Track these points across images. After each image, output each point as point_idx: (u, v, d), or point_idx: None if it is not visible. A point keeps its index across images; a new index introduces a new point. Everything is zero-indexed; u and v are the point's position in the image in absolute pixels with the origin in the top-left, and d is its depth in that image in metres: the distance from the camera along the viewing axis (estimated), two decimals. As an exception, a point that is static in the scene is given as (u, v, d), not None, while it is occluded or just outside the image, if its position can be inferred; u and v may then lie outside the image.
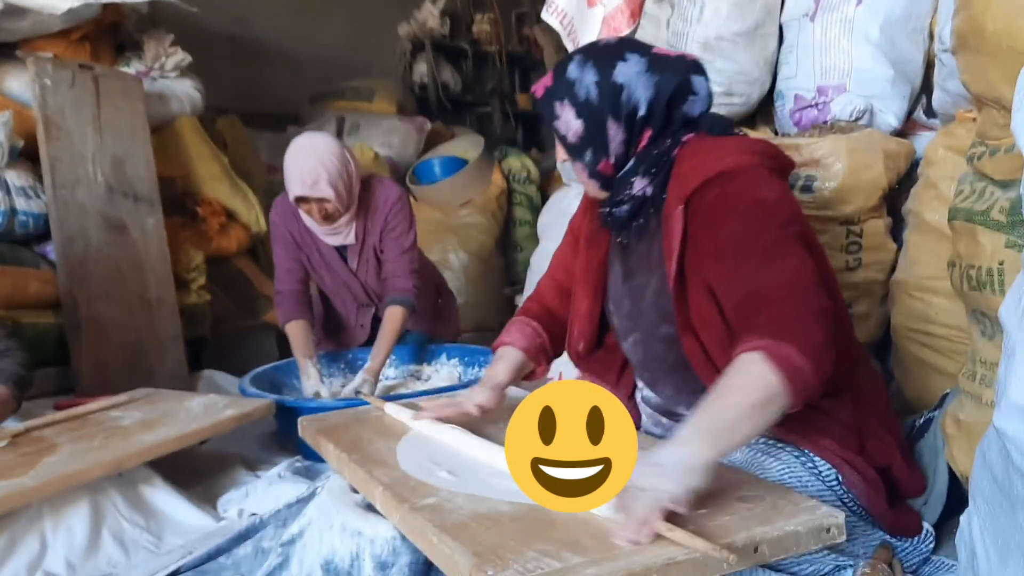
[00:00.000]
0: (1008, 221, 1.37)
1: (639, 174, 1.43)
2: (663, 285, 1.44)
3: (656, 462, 1.12)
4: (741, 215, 1.32)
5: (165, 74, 3.22)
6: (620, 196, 1.46)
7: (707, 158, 1.38)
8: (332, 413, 1.87)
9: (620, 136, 1.41)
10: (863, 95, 2.06)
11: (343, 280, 2.64)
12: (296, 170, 2.35)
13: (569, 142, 1.42)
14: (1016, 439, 0.93)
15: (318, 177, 2.33)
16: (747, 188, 1.34)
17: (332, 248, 2.60)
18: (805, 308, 1.24)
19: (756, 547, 1.06)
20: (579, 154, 1.43)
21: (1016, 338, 0.97)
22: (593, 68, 1.40)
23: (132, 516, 1.74)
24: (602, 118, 1.39)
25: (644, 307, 1.50)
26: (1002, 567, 0.98)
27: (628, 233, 1.52)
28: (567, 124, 1.41)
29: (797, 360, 1.17)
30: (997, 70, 1.35)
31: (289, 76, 4.94)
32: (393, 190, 2.57)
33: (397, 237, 2.54)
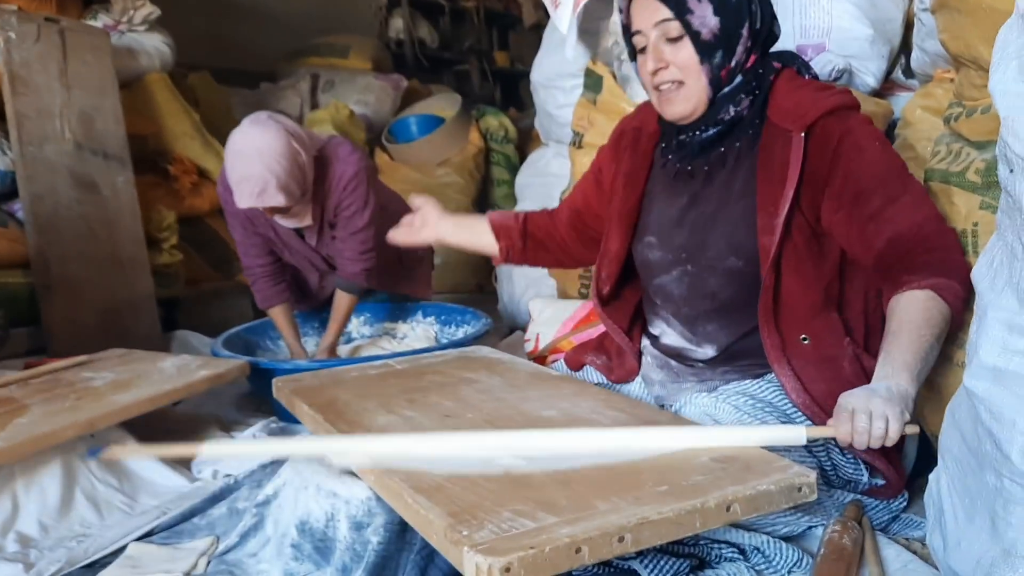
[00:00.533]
0: (983, 182, 1.38)
1: (745, 91, 1.43)
2: (744, 215, 1.43)
3: (871, 389, 1.20)
4: (871, 155, 1.38)
5: (134, 28, 3.15)
6: (720, 114, 1.44)
7: (812, 94, 1.41)
8: (307, 374, 1.86)
9: (746, 44, 1.41)
10: (842, 55, 2.05)
11: (304, 255, 2.54)
12: (241, 180, 2.12)
13: (703, 39, 1.38)
14: (985, 399, 0.94)
15: (266, 184, 2.10)
16: (867, 130, 1.40)
17: (288, 229, 2.46)
18: (953, 241, 1.36)
19: (729, 506, 1.06)
20: (709, 53, 1.39)
21: (987, 300, 0.97)
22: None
23: (105, 477, 1.72)
24: (739, 20, 1.39)
25: (711, 238, 1.47)
26: (968, 525, 1.00)
27: (704, 159, 1.49)
28: (703, 19, 1.37)
29: (963, 293, 1.29)
30: (975, 29, 1.34)
31: (263, 32, 4.84)
32: (349, 166, 2.35)
33: (350, 217, 2.38)
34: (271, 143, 2.11)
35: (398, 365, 1.89)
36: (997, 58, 0.98)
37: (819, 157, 1.37)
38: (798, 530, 1.35)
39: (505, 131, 4.55)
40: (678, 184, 1.53)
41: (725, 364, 1.52)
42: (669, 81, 1.42)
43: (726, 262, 1.45)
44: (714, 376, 1.53)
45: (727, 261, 1.45)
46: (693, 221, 1.50)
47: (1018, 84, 0.92)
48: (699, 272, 1.49)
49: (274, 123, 2.18)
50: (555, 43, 2.82)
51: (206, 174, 3.34)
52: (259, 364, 2.17)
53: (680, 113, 1.45)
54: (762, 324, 1.41)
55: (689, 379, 1.56)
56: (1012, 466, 0.89)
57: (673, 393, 1.57)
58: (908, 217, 1.34)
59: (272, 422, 2.09)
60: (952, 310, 1.29)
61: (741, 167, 1.45)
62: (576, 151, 2.46)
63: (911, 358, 1.23)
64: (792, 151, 1.37)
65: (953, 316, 1.29)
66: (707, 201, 1.48)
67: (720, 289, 1.48)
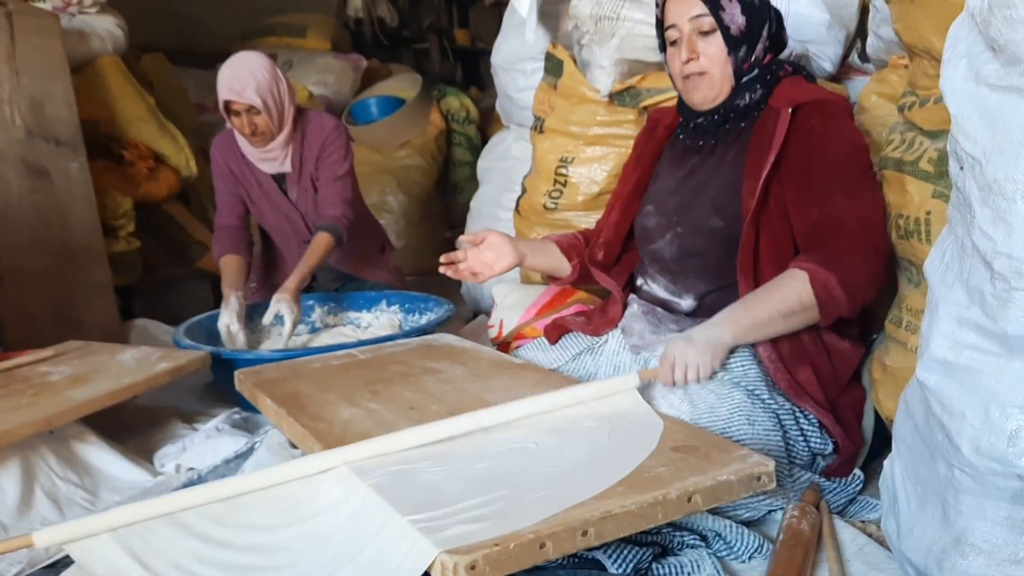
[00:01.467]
0: (935, 171, 1.40)
1: (760, 83, 1.61)
2: (730, 181, 1.58)
3: (690, 335, 1.42)
4: (834, 147, 1.50)
5: (84, 10, 3.07)
6: (738, 99, 1.61)
7: (811, 87, 1.61)
8: (269, 365, 1.86)
9: (764, 43, 1.60)
10: (799, 39, 2.07)
11: (283, 212, 2.63)
12: (225, 77, 2.38)
13: (731, 33, 1.56)
14: (937, 391, 0.96)
15: (245, 84, 2.35)
16: (844, 127, 1.55)
17: (270, 178, 2.58)
18: (864, 244, 1.44)
19: (690, 497, 1.09)
20: (736, 46, 1.57)
21: (939, 293, 0.99)
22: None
23: (65, 473, 1.70)
24: (762, 21, 1.59)
25: (699, 200, 1.63)
26: (921, 512, 1.02)
27: (710, 136, 1.66)
28: (732, 16, 1.56)
29: (836, 291, 1.40)
30: (928, 20, 1.36)
31: (217, 11, 4.75)
32: (329, 119, 2.59)
33: (332, 164, 2.54)
34: (260, 58, 2.44)
35: (361, 355, 1.89)
36: (948, 55, 1.00)
37: (797, 135, 1.53)
38: (759, 514, 1.38)
39: (467, 112, 4.52)
40: (682, 159, 1.71)
41: (705, 316, 1.57)
42: (696, 72, 1.60)
43: (709, 221, 1.59)
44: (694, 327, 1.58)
45: (710, 221, 1.59)
46: (686, 189, 1.66)
47: (968, 83, 0.94)
48: (687, 232, 1.64)
49: (262, 53, 2.51)
50: (515, 25, 2.80)
51: (162, 159, 3.27)
52: (221, 354, 2.15)
53: (703, 99, 1.63)
54: (740, 277, 1.53)
55: (670, 326, 1.63)
56: (962, 457, 0.91)
57: (649, 343, 1.63)
58: (839, 208, 1.46)
59: (235, 412, 2.08)
60: (817, 301, 1.41)
61: (737, 142, 1.62)
62: (537, 135, 2.46)
63: (743, 317, 1.43)
64: (779, 124, 1.53)
65: (818, 307, 1.41)
66: (702, 171, 1.66)
67: (705, 248, 1.61)
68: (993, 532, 0.91)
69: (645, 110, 2.22)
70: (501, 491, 1.08)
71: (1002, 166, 0.87)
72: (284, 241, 2.72)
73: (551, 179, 2.41)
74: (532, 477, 1.12)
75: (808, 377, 1.48)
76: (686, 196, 1.66)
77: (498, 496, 1.06)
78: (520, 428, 1.31)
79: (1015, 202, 0.85)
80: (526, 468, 1.16)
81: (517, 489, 1.08)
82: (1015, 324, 0.86)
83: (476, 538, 0.95)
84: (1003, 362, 0.89)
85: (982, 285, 0.90)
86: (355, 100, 4.46)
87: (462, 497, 1.06)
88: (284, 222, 2.66)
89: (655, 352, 1.59)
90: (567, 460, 1.18)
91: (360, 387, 1.62)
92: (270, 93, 2.40)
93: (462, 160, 4.52)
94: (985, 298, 0.90)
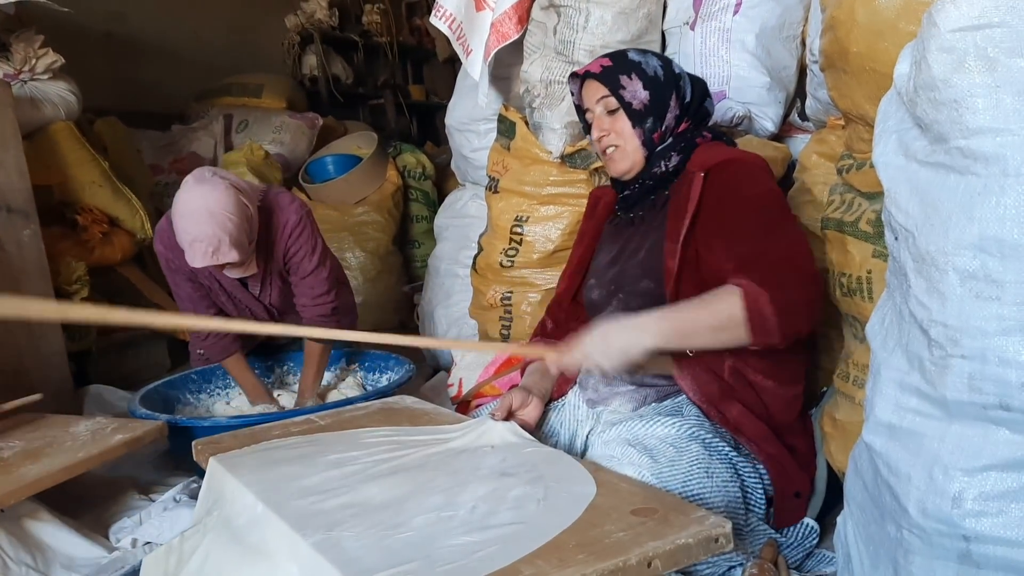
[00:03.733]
0: (875, 232, 1.46)
1: (675, 150, 1.66)
2: (657, 244, 1.63)
3: (605, 333, 1.41)
4: (749, 194, 1.54)
5: (36, 77, 3.06)
6: (654, 168, 1.66)
7: (727, 150, 1.65)
8: (227, 435, 1.83)
9: (675, 113, 1.66)
10: (742, 102, 2.14)
11: (246, 305, 2.52)
12: (194, 240, 2.09)
13: (634, 108, 1.63)
14: (883, 454, 0.99)
15: (219, 243, 2.08)
16: (759, 177, 1.59)
17: (233, 280, 2.41)
18: (794, 268, 1.43)
19: (650, 562, 1.10)
20: (641, 121, 1.64)
21: (880, 358, 1.03)
22: (654, 57, 1.69)
23: (17, 554, 1.66)
24: (667, 93, 1.65)
25: (631, 266, 1.67)
26: (873, 571, 1.05)
27: (638, 208, 1.72)
28: (634, 93, 1.63)
29: (766, 308, 1.36)
30: (861, 89, 1.42)
31: (171, 73, 4.75)
32: (292, 214, 2.36)
33: (299, 262, 2.38)
34: (220, 200, 2.10)
35: (320, 420, 1.88)
36: (879, 130, 1.05)
37: (711, 192, 1.56)
38: (719, 572, 1.40)
39: (423, 168, 4.56)
40: (619, 233, 1.77)
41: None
42: (610, 145, 1.68)
43: (641, 284, 1.63)
44: (645, 379, 1.61)
45: (642, 283, 1.63)
46: (622, 258, 1.71)
47: (898, 157, 0.99)
48: (625, 298, 1.67)
49: (219, 179, 2.16)
50: (468, 88, 2.85)
51: (117, 222, 3.26)
52: (178, 423, 2.13)
53: (621, 169, 1.70)
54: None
55: (624, 377, 1.65)
56: (910, 518, 0.94)
57: (605, 397, 1.66)
58: (765, 243, 1.47)
59: (193, 482, 2.05)
60: (746, 314, 1.37)
61: (662, 209, 1.65)
62: (492, 195, 2.50)
63: (670, 324, 1.40)
64: (693, 188, 1.57)
65: (747, 322, 1.37)
66: (635, 240, 1.71)
67: (641, 309, 1.56)
68: (942, 592, 0.94)
69: (596, 171, 2.27)
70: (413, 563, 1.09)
71: (933, 239, 0.91)
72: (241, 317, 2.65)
73: (507, 238, 2.44)
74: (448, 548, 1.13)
75: (740, 412, 1.51)
76: (622, 264, 1.71)
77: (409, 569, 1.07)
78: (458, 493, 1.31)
79: (947, 273, 0.90)
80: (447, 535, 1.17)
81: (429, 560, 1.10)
82: (953, 390, 0.90)
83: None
84: (944, 426, 0.92)
85: (920, 352, 0.94)
86: (311, 158, 4.47)
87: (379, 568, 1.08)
88: (246, 312, 2.56)
89: (609, 406, 1.63)
90: (489, 531, 1.19)
91: (320, 454, 1.61)
92: (243, 234, 2.15)
93: (419, 215, 4.55)
94: (924, 364, 0.94)
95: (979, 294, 0.87)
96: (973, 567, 0.91)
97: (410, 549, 1.13)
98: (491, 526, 1.20)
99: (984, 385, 0.87)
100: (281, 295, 2.50)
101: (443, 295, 3.05)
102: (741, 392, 1.54)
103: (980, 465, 0.90)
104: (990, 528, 0.89)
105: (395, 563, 1.09)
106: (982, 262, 0.87)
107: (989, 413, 0.88)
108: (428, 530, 1.20)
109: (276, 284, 2.46)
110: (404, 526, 1.21)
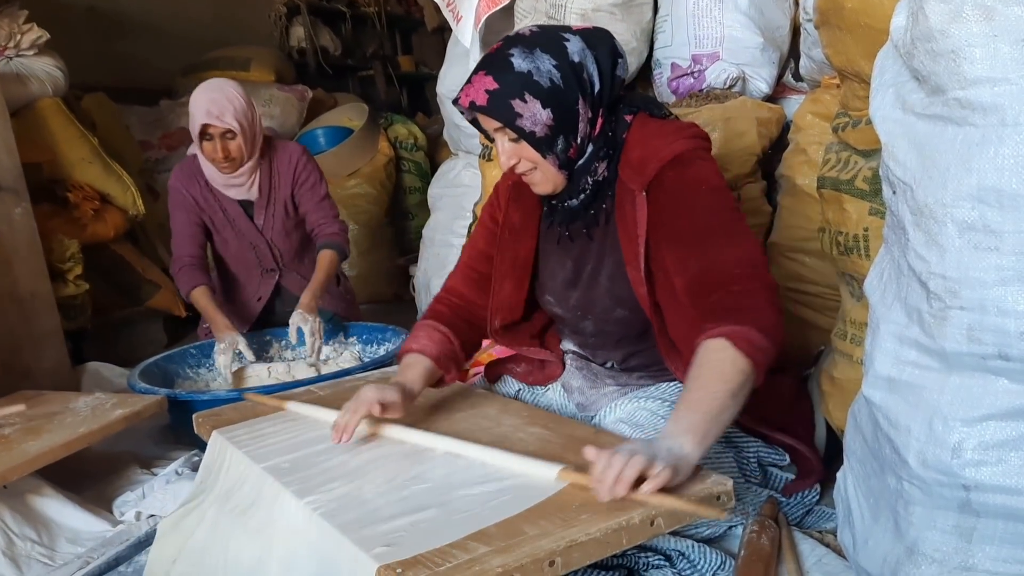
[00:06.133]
0: (871, 189, 1.46)
1: (599, 158, 1.45)
2: (617, 270, 1.47)
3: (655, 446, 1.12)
4: (698, 200, 1.37)
5: (22, 53, 3.02)
6: (581, 184, 1.46)
7: (658, 144, 1.42)
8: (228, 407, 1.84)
9: (587, 116, 1.40)
10: (735, 63, 2.13)
11: (248, 240, 2.64)
12: (202, 102, 2.38)
13: (538, 137, 1.37)
14: (883, 407, 1.00)
15: (224, 109, 2.37)
16: (700, 174, 1.39)
17: (236, 204, 2.60)
18: (760, 286, 1.29)
19: (652, 520, 1.11)
20: (550, 146, 1.39)
21: (879, 312, 1.04)
22: (544, 54, 1.37)
23: (22, 530, 1.67)
24: (571, 99, 1.37)
25: (597, 295, 1.52)
26: (874, 524, 1.06)
27: (579, 223, 1.52)
28: (533, 118, 1.35)
29: (760, 342, 1.21)
30: (856, 46, 1.42)
31: (157, 47, 4.70)
32: (296, 146, 2.65)
33: (311, 187, 2.61)
34: (233, 84, 2.47)
35: (320, 391, 1.88)
36: (876, 84, 1.04)
37: (657, 209, 1.41)
38: (720, 531, 1.41)
39: (414, 139, 4.54)
40: (562, 249, 1.57)
41: (634, 371, 1.59)
42: (525, 170, 1.45)
43: (614, 313, 1.52)
44: (630, 380, 1.59)
45: (615, 312, 1.52)
46: (581, 282, 1.56)
47: (896, 111, 0.99)
48: (598, 320, 1.56)
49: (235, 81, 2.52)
50: (459, 55, 2.83)
51: (108, 199, 3.24)
52: (178, 396, 2.13)
53: (544, 192, 1.49)
54: (667, 361, 1.47)
55: (607, 382, 1.62)
56: (910, 470, 0.95)
57: (593, 400, 1.62)
58: (722, 255, 1.33)
59: (194, 455, 2.06)
60: (749, 361, 1.20)
61: (610, 225, 1.50)
62: (486, 164, 2.49)
63: (699, 419, 1.16)
64: (638, 210, 1.42)
65: (753, 367, 1.20)
66: (588, 261, 1.53)
67: (619, 331, 1.56)
68: (943, 541, 0.95)
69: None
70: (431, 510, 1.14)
71: (932, 191, 0.91)
72: (245, 270, 2.72)
73: (502, 206, 2.43)
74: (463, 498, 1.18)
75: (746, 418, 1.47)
76: (584, 291, 1.55)
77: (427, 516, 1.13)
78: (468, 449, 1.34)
79: (945, 225, 0.90)
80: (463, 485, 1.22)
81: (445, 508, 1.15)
82: (952, 341, 0.90)
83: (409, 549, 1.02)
84: (943, 377, 0.93)
85: (919, 304, 0.95)
86: (302, 131, 4.44)
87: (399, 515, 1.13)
88: (248, 251, 2.67)
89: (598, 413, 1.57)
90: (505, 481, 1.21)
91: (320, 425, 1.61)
92: (245, 117, 2.43)
93: (412, 187, 4.53)
94: (923, 317, 0.94)
95: (978, 245, 0.87)
96: (973, 515, 0.92)
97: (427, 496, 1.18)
98: (504, 478, 1.22)
99: (983, 335, 0.88)
100: (283, 231, 2.65)
101: (438, 265, 3.05)
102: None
103: (979, 415, 0.90)
104: (989, 477, 0.90)
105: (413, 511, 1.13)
106: (980, 213, 0.87)
107: (988, 363, 0.89)
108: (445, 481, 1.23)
109: (279, 216, 2.62)
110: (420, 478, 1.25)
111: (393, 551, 1.03)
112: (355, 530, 1.11)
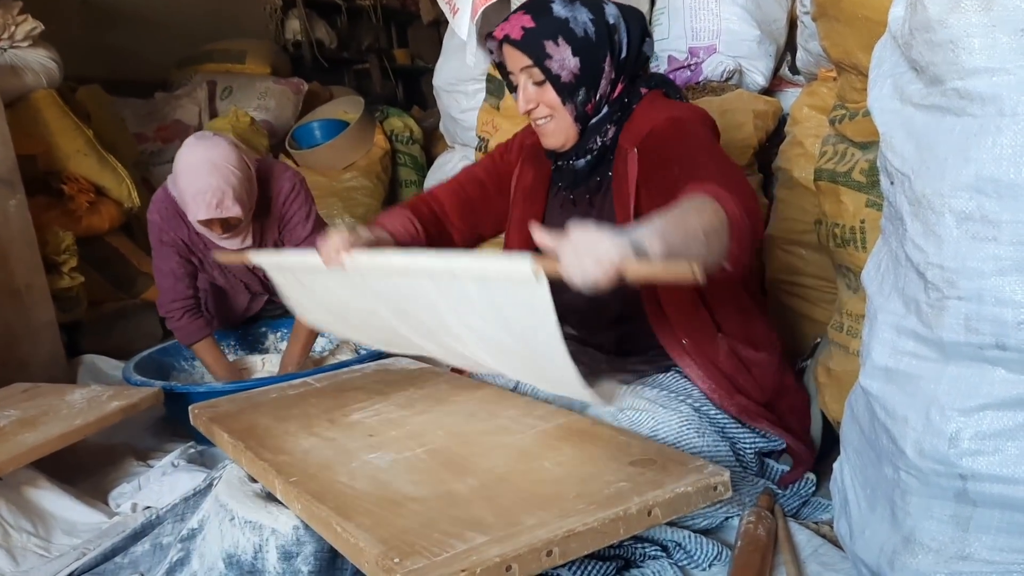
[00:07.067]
0: (868, 181, 1.46)
1: (611, 121, 1.49)
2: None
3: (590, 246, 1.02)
4: (688, 145, 1.39)
5: (16, 44, 3.01)
6: (589, 143, 1.50)
7: (660, 111, 1.47)
8: (224, 399, 1.84)
9: (609, 77, 1.46)
10: (732, 55, 2.13)
11: (239, 277, 2.51)
12: (198, 192, 2.08)
13: (563, 81, 1.42)
14: (880, 397, 1.00)
15: (223, 196, 2.08)
16: (694, 130, 1.43)
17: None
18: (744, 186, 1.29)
19: (650, 510, 1.11)
20: (571, 94, 1.44)
21: (877, 303, 1.04)
22: (583, 7, 1.43)
23: (18, 521, 1.67)
24: (600, 56, 1.43)
25: None
26: (871, 514, 1.06)
27: (582, 188, 1.56)
28: (562, 62, 1.41)
29: (738, 210, 1.18)
30: (854, 38, 1.42)
31: (151, 39, 4.68)
32: (286, 181, 2.36)
33: (293, 228, 2.37)
34: (224, 154, 2.11)
35: (317, 383, 1.88)
36: (874, 75, 1.04)
37: (648, 164, 1.43)
38: (716, 522, 1.42)
39: (410, 132, 4.53)
40: (565, 213, 1.59)
41: (633, 355, 1.60)
42: (542, 116, 1.49)
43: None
44: (624, 365, 1.60)
45: None
46: None
47: (893, 102, 0.99)
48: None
49: (220, 138, 2.16)
50: (455, 48, 2.83)
51: (103, 191, 3.22)
52: (174, 389, 2.13)
53: (553, 145, 1.53)
54: (656, 330, 1.50)
55: (602, 367, 1.63)
56: (907, 459, 0.96)
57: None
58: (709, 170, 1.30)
59: (191, 447, 2.06)
60: (726, 215, 1.17)
61: (607, 194, 1.53)
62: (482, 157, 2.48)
63: (672, 228, 1.08)
64: (630, 166, 1.45)
65: (728, 224, 1.16)
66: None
67: (612, 302, 1.54)
68: (940, 530, 0.95)
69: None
70: None
71: (929, 181, 0.91)
72: (235, 294, 2.64)
73: (498, 198, 2.43)
74: None
75: (741, 399, 1.50)
76: None
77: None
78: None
79: (943, 215, 0.90)
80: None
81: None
82: (949, 331, 0.90)
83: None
84: (940, 367, 0.93)
85: (917, 295, 0.95)
86: (298, 124, 4.43)
87: None
88: (238, 282, 2.56)
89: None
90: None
91: (318, 416, 1.61)
92: (245, 191, 2.15)
93: (408, 179, 4.52)
94: (920, 307, 0.94)
95: (975, 235, 0.87)
96: (969, 505, 0.93)
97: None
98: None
99: (980, 325, 0.88)
100: None
101: (435, 258, 3.04)
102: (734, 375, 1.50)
103: (976, 405, 0.91)
104: (986, 466, 0.90)
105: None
106: (978, 203, 0.87)
107: (985, 353, 0.89)
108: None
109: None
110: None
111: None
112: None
